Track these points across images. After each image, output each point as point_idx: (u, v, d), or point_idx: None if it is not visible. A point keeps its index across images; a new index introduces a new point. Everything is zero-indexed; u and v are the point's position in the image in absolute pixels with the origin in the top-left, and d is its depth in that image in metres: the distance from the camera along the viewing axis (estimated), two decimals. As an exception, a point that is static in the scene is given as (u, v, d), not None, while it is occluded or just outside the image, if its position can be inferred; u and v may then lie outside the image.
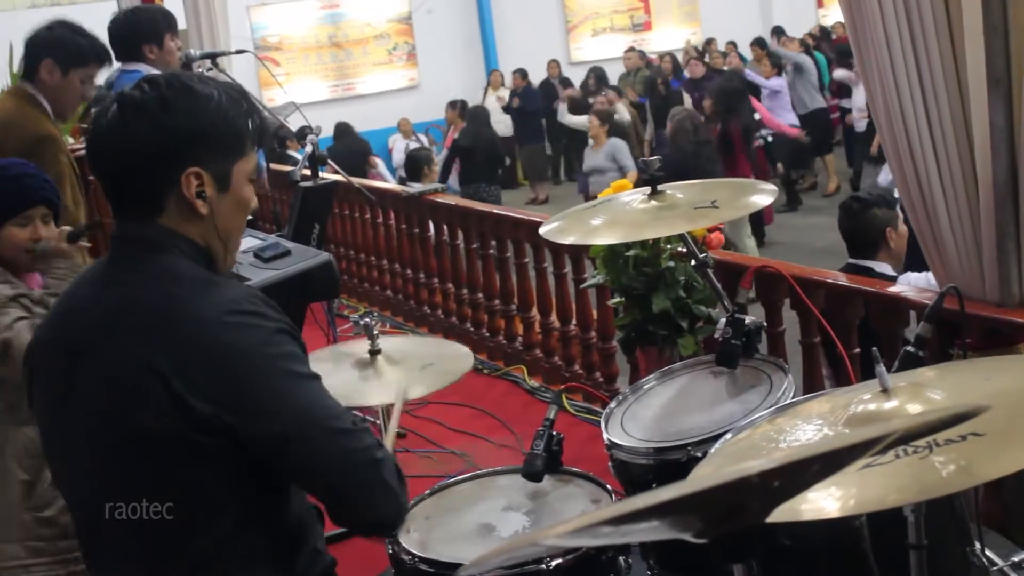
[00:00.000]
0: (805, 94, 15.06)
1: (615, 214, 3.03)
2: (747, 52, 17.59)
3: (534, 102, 18.29)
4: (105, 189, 2.23)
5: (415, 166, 9.32)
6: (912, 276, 4.82)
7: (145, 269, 2.18)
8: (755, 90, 14.01)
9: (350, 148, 15.22)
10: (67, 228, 3.59)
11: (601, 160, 11.83)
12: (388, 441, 2.64)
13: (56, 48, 4.31)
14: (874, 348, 2.29)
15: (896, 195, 5.30)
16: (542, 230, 3.11)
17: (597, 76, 17.74)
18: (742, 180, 3.20)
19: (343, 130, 15.54)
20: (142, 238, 2.20)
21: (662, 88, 15.99)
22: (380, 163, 15.80)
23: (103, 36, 5.23)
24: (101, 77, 4.61)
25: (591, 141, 12.26)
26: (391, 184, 10.90)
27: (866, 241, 5.10)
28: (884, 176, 8.21)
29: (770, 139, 13.65)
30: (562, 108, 16.94)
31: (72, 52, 4.32)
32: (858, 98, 13.19)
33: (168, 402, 2.06)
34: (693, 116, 10.67)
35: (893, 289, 3.98)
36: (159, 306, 2.13)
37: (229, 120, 2.20)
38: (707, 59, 17.35)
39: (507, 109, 18.13)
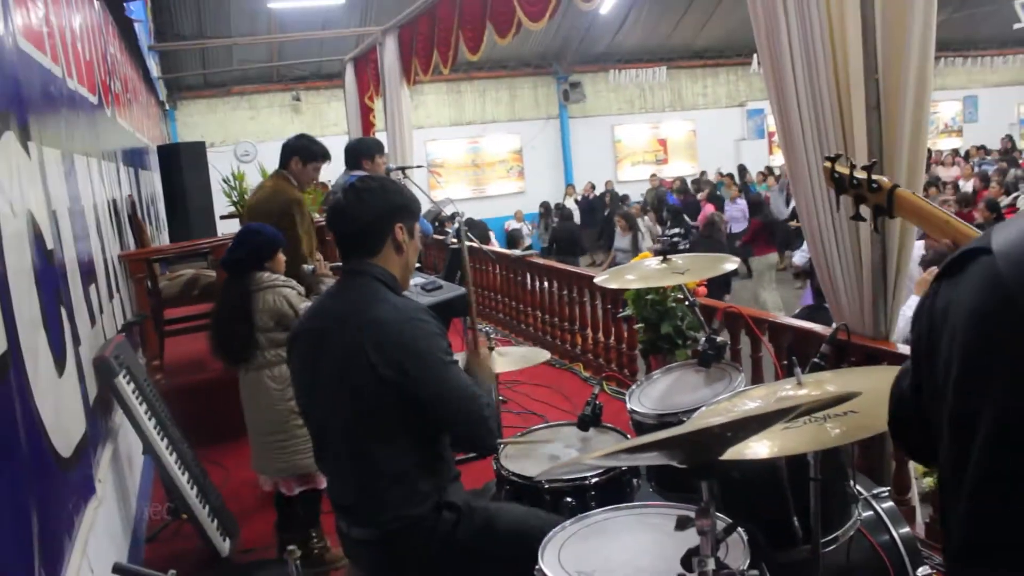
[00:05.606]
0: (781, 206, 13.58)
1: (640, 272, 2.98)
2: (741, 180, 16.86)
3: (594, 204, 18.15)
4: (342, 241, 2.25)
5: (513, 239, 9.27)
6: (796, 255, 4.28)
7: (361, 289, 2.17)
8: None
9: (479, 231, 15.13)
10: (328, 263, 3.71)
11: (626, 244, 11.56)
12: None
13: (300, 150, 4.36)
14: (793, 357, 2.30)
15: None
16: (597, 279, 3.06)
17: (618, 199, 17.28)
18: (719, 256, 2.95)
19: (475, 223, 15.46)
20: (362, 271, 2.19)
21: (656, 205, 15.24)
22: (492, 235, 15.64)
23: (339, 154, 5.30)
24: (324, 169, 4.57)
25: (618, 230, 11.79)
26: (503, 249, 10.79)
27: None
28: (799, 256, 7.26)
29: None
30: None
31: (309, 152, 4.36)
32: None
33: (368, 368, 2.05)
34: (719, 217, 10.18)
35: (806, 325, 3.77)
36: (367, 312, 2.11)
37: (412, 199, 2.29)
38: (699, 186, 16.83)
39: (578, 203, 18.04)
